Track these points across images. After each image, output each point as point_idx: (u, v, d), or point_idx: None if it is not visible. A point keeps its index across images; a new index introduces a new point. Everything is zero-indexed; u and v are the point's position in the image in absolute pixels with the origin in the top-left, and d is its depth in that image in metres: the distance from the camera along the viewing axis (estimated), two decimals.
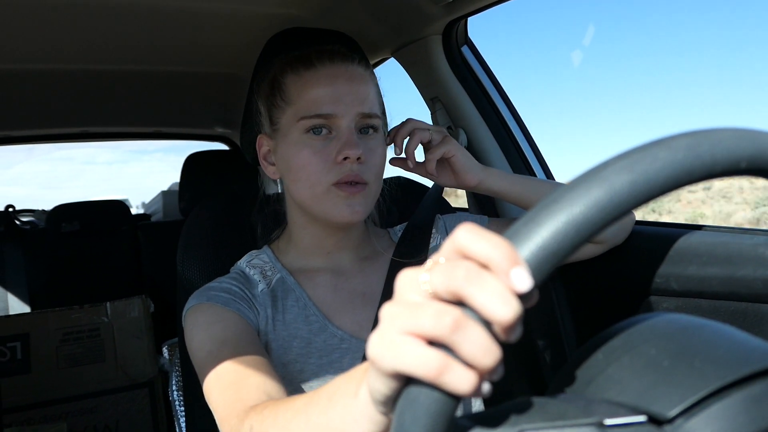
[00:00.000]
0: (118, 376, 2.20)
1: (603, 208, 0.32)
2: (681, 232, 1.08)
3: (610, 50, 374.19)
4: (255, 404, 0.65)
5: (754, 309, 0.95)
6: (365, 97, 0.90)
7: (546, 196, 0.35)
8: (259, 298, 0.91)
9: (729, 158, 0.34)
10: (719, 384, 0.33)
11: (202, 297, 0.88)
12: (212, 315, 0.84)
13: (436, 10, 1.30)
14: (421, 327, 0.34)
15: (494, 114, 1.46)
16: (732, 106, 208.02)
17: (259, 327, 0.89)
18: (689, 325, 0.39)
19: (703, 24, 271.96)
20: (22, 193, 60.48)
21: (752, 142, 0.34)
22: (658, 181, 0.33)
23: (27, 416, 2.06)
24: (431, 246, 1.03)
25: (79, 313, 2.20)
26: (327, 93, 0.87)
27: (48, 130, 2.62)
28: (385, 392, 0.37)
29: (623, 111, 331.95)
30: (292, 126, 0.89)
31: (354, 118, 0.88)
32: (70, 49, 1.55)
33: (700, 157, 0.33)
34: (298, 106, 0.89)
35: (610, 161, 0.34)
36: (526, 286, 0.32)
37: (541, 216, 0.33)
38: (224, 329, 0.82)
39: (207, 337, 0.81)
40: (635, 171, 0.33)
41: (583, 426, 0.32)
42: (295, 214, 0.97)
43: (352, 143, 0.86)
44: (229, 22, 1.44)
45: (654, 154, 0.33)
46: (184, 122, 2.82)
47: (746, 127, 0.36)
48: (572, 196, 0.33)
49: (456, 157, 0.99)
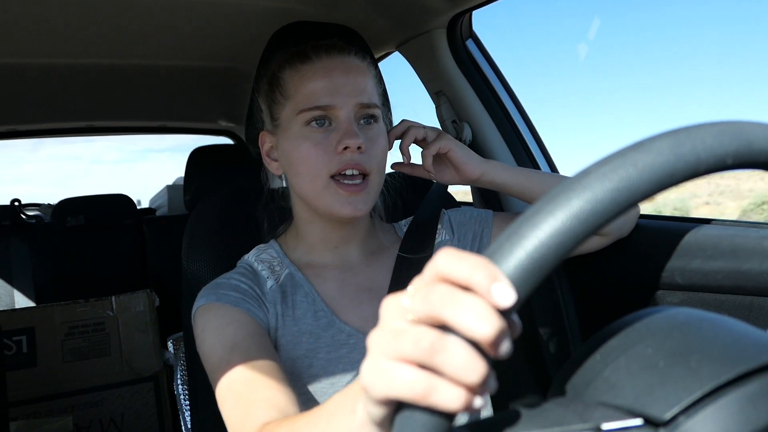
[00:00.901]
0: (123, 370, 2.21)
1: (585, 220, 0.32)
2: (686, 225, 1.08)
3: (615, 44, 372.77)
4: (265, 422, 0.67)
5: (759, 302, 0.95)
6: (363, 87, 0.90)
7: (527, 209, 0.35)
8: (269, 295, 0.91)
9: (714, 156, 0.33)
10: (714, 384, 0.33)
11: (212, 296, 0.88)
12: (223, 317, 0.85)
13: (441, 3, 1.30)
14: (403, 352, 0.35)
15: (499, 108, 1.46)
16: (736, 99, 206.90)
17: (269, 325, 0.89)
18: (687, 320, 0.38)
19: (707, 21, 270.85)
20: (30, 191, 60.81)
21: (736, 137, 0.34)
22: (640, 186, 0.32)
23: (33, 410, 2.07)
24: (437, 241, 1.03)
25: (84, 307, 2.21)
26: (324, 85, 0.88)
27: (53, 124, 2.63)
28: (380, 415, 0.38)
29: (628, 105, 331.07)
30: (292, 120, 0.90)
31: (353, 108, 0.89)
32: (74, 44, 1.55)
33: (683, 157, 0.33)
34: (297, 100, 0.89)
35: (591, 168, 0.34)
36: (509, 301, 0.33)
37: (523, 230, 0.33)
38: (235, 332, 0.82)
39: (218, 342, 0.82)
40: (616, 178, 0.32)
41: (581, 431, 0.32)
42: (301, 209, 0.98)
43: (351, 133, 0.87)
44: (232, 16, 1.44)
45: (634, 158, 0.33)
46: (189, 116, 2.82)
47: (729, 120, 0.35)
48: (552, 209, 0.33)
49: (453, 151, 0.99)
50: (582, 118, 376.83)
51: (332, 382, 0.87)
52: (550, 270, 0.33)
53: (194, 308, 0.89)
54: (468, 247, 1.04)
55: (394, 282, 0.97)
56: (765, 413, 0.32)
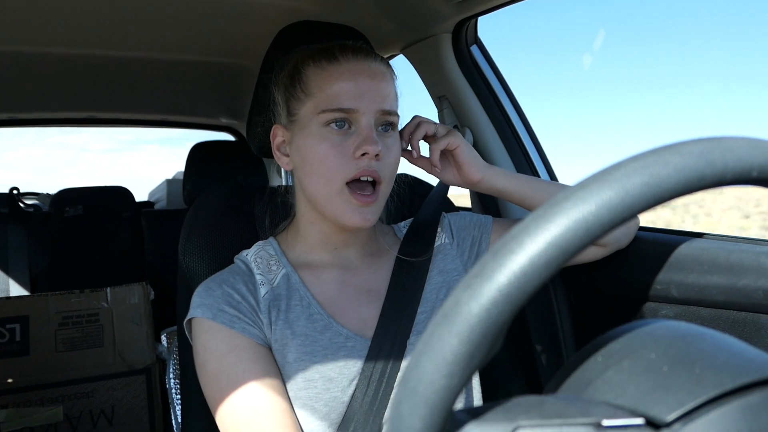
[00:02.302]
0: (116, 362, 2.21)
1: (613, 209, 0.32)
2: (683, 239, 1.08)
3: (619, 55, 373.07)
4: None
5: (753, 319, 0.95)
6: (386, 94, 0.90)
7: (534, 210, 0.35)
8: (262, 304, 0.90)
9: (741, 166, 0.33)
10: (718, 391, 0.33)
11: (206, 310, 0.87)
12: (222, 342, 0.85)
13: (447, 8, 1.30)
14: None
15: (501, 115, 1.46)
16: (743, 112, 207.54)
17: (264, 335, 0.89)
18: (689, 332, 0.39)
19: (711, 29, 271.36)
20: (17, 178, 60.75)
21: (763, 152, 0.34)
22: (669, 185, 0.32)
23: (24, 398, 2.07)
24: (436, 244, 1.04)
25: (79, 297, 2.21)
26: (349, 88, 0.88)
27: (54, 113, 2.63)
28: None
29: (630, 120, 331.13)
30: (312, 118, 0.89)
31: (374, 114, 0.88)
32: (78, 34, 1.55)
33: (712, 163, 0.33)
34: (319, 99, 0.89)
35: (623, 162, 0.34)
36: None
37: (551, 213, 0.33)
38: (237, 362, 0.84)
39: (220, 371, 0.84)
40: (647, 174, 0.32)
41: (581, 425, 0.32)
42: (304, 208, 0.97)
43: (371, 139, 0.86)
44: (239, 12, 1.44)
45: (665, 157, 0.33)
46: (191, 111, 2.82)
47: (758, 137, 0.36)
48: (575, 203, 0.33)
49: (460, 148, 1.00)
50: (583, 128, 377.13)
51: (328, 388, 0.87)
52: (572, 255, 0.32)
53: (189, 314, 0.89)
54: (467, 251, 1.04)
55: (393, 284, 0.97)
56: (766, 424, 0.32)
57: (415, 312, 0.94)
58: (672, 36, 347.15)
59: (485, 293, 0.31)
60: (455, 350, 0.31)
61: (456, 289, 0.32)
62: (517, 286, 0.31)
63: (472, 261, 1.03)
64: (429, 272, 1.00)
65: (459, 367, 0.31)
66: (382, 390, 0.87)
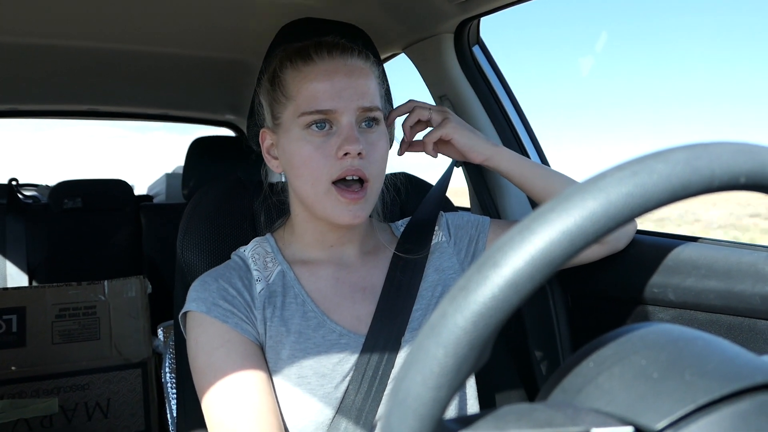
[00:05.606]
0: (112, 355, 2.21)
1: (597, 221, 0.32)
2: (681, 243, 1.08)
3: (620, 58, 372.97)
4: None
5: (749, 324, 0.96)
6: (365, 90, 0.90)
7: (536, 209, 0.35)
8: (257, 301, 0.91)
9: (728, 173, 0.33)
10: (708, 399, 0.33)
11: (201, 304, 0.87)
12: (214, 336, 0.86)
13: (450, 8, 1.30)
14: None
15: (501, 115, 1.46)
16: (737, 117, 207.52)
17: (257, 332, 0.89)
18: (682, 336, 0.39)
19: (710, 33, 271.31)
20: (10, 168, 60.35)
21: (751, 158, 0.34)
22: (655, 194, 0.32)
23: (19, 389, 2.07)
24: (433, 242, 1.04)
25: (76, 289, 2.21)
26: (326, 88, 0.87)
27: (57, 106, 2.63)
28: None
29: (629, 123, 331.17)
30: (294, 121, 0.89)
31: (354, 112, 0.88)
32: (81, 27, 1.55)
33: (698, 170, 0.33)
34: (299, 102, 0.89)
35: (607, 172, 0.34)
36: None
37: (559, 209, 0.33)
38: (226, 357, 0.84)
39: (209, 365, 0.85)
40: (604, 196, 0.32)
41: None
42: (298, 208, 0.97)
43: (352, 138, 0.86)
44: (242, 7, 1.44)
45: (652, 165, 0.33)
46: (193, 106, 2.82)
47: (746, 142, 0.35)
48: (567, 207, 0.33)
49: (455, 139, 1.02)
50: (582, 130, 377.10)
51: (321, 384, 0.87)
52: (563, 263, 0.32)
53: (185, 307, 0.89)
54: (464, 250, 1.04)
55: (388, 281, 0.97)
56: (756, 431, 0.32)
57: (410, 309, 0.95)
58: (672, 35, 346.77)
59: (470, 306, 0.31)
60: (442, 362, 0.31)
61: (442, 301, 0.33)
62: (502, 299, 0.31)
63: (469, 260, 1.04)
64: (425, 270, 1.00)
65: (446, 379, 0.31)
66: (375, 386, 0.87)
